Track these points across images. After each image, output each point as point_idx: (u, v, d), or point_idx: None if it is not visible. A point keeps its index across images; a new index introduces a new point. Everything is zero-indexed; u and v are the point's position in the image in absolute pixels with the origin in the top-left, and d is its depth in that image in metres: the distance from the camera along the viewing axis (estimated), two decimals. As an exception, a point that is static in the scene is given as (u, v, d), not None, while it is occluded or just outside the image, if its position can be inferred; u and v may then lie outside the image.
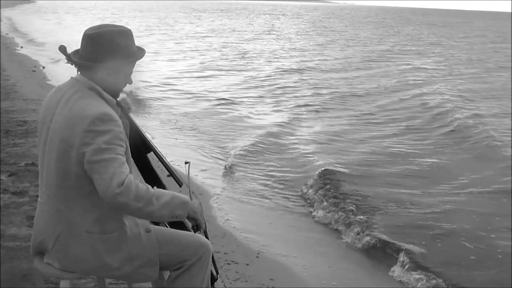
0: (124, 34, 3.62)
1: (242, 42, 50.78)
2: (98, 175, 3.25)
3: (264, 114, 18.88)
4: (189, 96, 21.64)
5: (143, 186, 3.38)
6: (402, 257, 7.75)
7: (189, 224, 3.86)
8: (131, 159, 3.71)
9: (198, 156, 12.75)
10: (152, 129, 14.78)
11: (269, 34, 64.53)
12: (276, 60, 37.01)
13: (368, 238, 8.45)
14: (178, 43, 47.49)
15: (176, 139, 14.29)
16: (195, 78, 26.67)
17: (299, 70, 31.37)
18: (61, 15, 78.17)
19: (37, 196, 3.74)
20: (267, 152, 14.00)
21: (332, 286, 6.99)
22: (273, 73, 29.60)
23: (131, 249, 3.66)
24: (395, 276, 7.42)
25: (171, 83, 24.71)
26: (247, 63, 34.84)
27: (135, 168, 4.02)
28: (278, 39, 57.13)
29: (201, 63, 33.17)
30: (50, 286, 4.90)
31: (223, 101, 20.62)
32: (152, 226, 3.87)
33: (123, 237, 3.64)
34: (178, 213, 3.55)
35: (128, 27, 3.71)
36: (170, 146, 13.18)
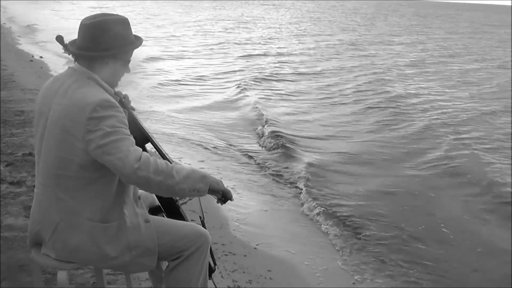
0: (121, 22, 3.61)
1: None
2: (112, 156, 3.25)
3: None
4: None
5: (161, 160, 3.41)
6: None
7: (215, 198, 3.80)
8: None
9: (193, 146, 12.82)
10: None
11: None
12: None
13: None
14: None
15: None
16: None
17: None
18: (57, 4, 77.92)
19: (34, 186, 3.73)
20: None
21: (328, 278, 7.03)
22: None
23: (130, 239, 3.67)
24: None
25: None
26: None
27: None
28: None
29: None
30: (48, 277, 4.90)
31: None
32: (151, 217, 3.89)
33: (123, 226, 3.65)
34: (199, 187, 3.53)
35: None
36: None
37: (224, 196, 3.77)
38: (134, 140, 3.40)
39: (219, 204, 3.86)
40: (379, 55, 37.99)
